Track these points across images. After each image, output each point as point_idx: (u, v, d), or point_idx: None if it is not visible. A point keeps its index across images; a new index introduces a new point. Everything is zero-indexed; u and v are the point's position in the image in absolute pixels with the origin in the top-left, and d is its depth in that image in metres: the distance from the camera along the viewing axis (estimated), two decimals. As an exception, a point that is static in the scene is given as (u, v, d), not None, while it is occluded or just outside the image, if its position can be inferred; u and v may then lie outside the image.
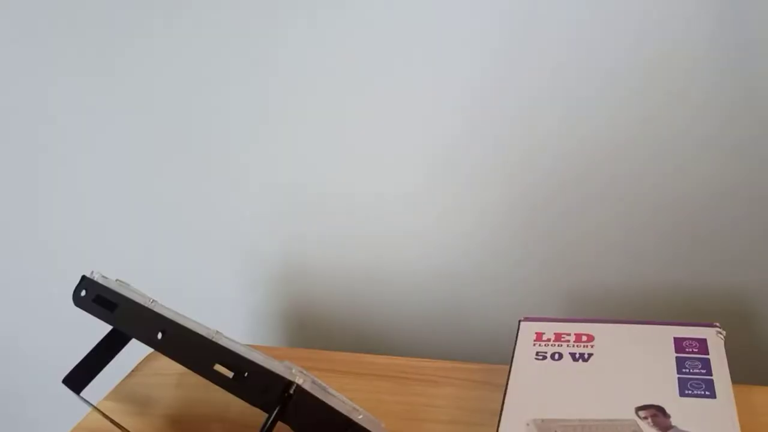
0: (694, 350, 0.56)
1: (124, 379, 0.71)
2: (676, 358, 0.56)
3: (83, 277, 0.62)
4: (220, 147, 0.82)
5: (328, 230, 0.82)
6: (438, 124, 0.72)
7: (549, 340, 0.60)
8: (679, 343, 0.57)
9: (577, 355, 0.58)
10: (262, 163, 0.81)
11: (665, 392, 0.52)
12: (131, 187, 0.89)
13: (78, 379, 0.62)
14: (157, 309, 0.57)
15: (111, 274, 0.63)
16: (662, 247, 0.71)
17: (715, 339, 0.57)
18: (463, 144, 0.72)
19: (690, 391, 0.52)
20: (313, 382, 0.48)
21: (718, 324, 0.59)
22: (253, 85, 0.76)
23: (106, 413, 0.61)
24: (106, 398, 0.68)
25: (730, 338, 0.58)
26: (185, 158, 0.84)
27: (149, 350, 0.72)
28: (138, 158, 0.86)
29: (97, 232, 0.94)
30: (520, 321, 0.63)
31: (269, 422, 0.46)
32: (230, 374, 0.49)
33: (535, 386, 0.55)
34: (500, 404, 0.54)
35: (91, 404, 0.62)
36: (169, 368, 0.70)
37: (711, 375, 0.53)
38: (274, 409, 0.46)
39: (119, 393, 0.69)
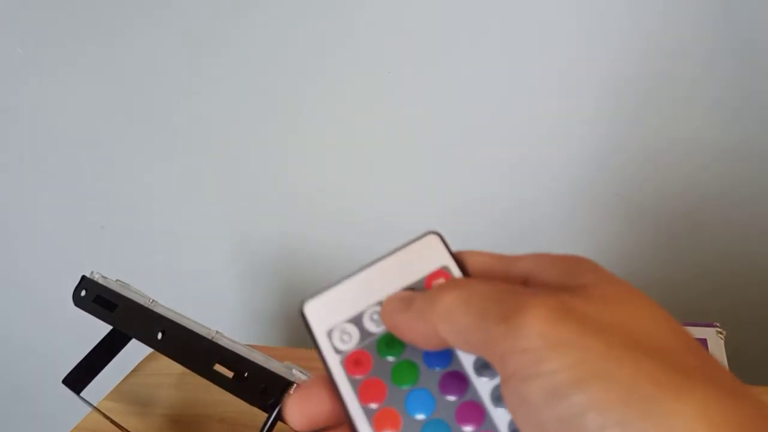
0: (694, 350, 0.56)
1: (124, 379, 0.71)
2: (676, 358, 0.55)
3: (83, 277, 0.62)
4: (221, 148, 0.82)
5: (329, 231, 0.82)
6: (438, 122, 0.72)
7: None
8: (679, 343, 0.57)
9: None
10: (263, 164, 0.81)
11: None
12: (131, 188, 0.89)
13: (78, 379, 0.62)
14: (157, 309, 0.57)
15: (111, 274, 0.63)
16: (662, 247, 0.71)
17: (715, 339, 0.57)
18: (464, 143, 0.72)
19: (690, 391, 0.52)
20: (313, 382, 0.48)
21: (718, 324, 0.59)
22: (251, 82, 0.76)
23: (106, 413, 0.61)
24: (106, 398, 0.68)
25: (730, 338, 0.58)
26: (187, 160, 0.84)
27: (149, 350, 0.72)
28: (139, 160, 0.86)
29: (98, 232, 0.94)
30: (520, 321, 0.63)
31: (269, 422, 0.46)
32: (230, 374, 0.50)
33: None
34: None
35: (91, 404, 0.62)
36: (169, 368, 0.70)
37: (711, 375, 0.53)
38: (274, 410, 0.46)
39: (119, 393, 0.69)
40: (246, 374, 0.49)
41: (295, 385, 0.47)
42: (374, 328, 0.26)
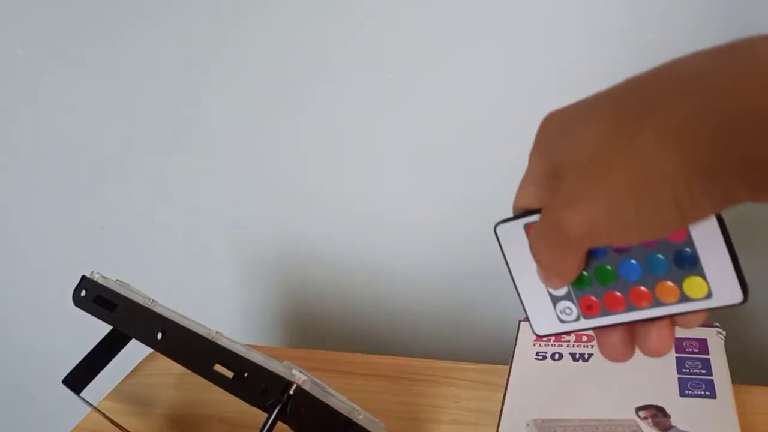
0: (694, 350, 0.56)
1: (124, 379, 0.71)
2: (677, 358, 0.56)
3: (83, 277, 0.62)
4: (221, 148, 0.82)
5: (328, 231, 0.82)
6: (438, 122, 0.72)
7: (549, 340, 0.60)
8: (679, 343, 0.57)
9: (577, 355, 0.58)
10: (262, 163, 0.81)
11: (665, 392, 0.52)
12: (131, 188, 0.89)
13: (78, 379, 0.62)
14: (157, 309, 0.57)
15: (111, 274, 0.63)
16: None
17: (715, 339, 0.57)
18: (464, 143, 0.72)
19: (690, 391, 0.52)
20: (313, 382, 0.48)
21: (718, 324, 0.59)
22: (251, 82, 0.76)
23: (106, 413, 0.62)
24: (106, 398, 0.68)
25: (730, 338, 0.58)
26: (187, 159, 0.84)
27: (149, 350, 0.72)
28: (139, 160, 0.86)
29: (98, 232, 0.94)
30: (520, 321, 0.63)
31: (269, 422, 0.46)
32: (230, 374, 0.49)
33: (535, 386, 0.55)
34: (500, 404, 0.54)
35: (91, 404, 0.62)
36: (169, 368, 0.70)
37: (711, 375, 0.53)
38: (274, 410, 0.46)
39: (119, 393, 0.69)
40: (246, 374, 0.48)
41: (294, 385, 0.47)
42: None
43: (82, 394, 0.61)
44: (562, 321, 0.33)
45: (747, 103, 0.22)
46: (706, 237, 0.28)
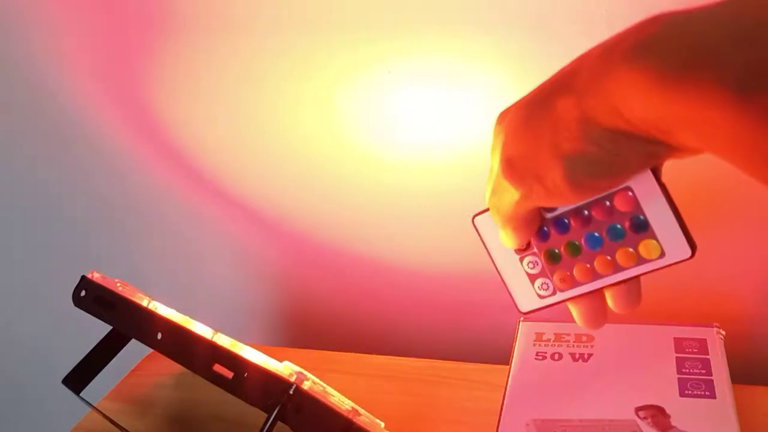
0: (694, 350, 0.56)
1: (124, 379, 0.71)
2: (676, 358, 0.56)
3: (83, 277, 0.62)
4: (220, 147, 0.82)
5: (329, 230, 0.82)
6: (438, 122, 0.72)
7: (549, 340, 0.60)
8: (679, 344, 0.57)
9: (577, 355, 0.58)
10: (262, 163, 0.81)
11: (665, 392, 0.52)
12: (131, 188, 0.89)
13: (78, 379, 0.62)
14: (156, 309, 0.57)
15: (111, 274, 0.63)
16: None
17: (715, 339, 0.57)
18: (464, 142, 0.72)
19: (690, 391, 0.52)
20: (313, 382, 0.48)
21: (717, 324, 0.59)
22: (250, 81, 0.76)
23: (106, 413, 0.62)
24: (106, 398, 0.68)
25: (730, 338, 0.58)
26: (187, 159, 0.84)
27: (149, 350, 0.72)
28: (139, 159, 0.86)
29: (98, 232, 0.94)
30: (520, 321, 0.63)
31: (269, 422, 0.46)
32: (230, 374, 0.50)
33: (535, 386, 0.55)
34: (500, 404, 0.54)
35: (91, 404, 0.62)
36: (169, 368, 0.70)
37: (711, 375, 0.53)
38: (274, 410, 0.46)
39: (119, 393, 0.69)
40: (246, 374, 0.49)
41: (294, 385, 0.47)
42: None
43: (82, 394, 0.61)
44: (540, 297, 0.37)
45: (632, 76, 0.25)
46: (652, 202, 0.31)
